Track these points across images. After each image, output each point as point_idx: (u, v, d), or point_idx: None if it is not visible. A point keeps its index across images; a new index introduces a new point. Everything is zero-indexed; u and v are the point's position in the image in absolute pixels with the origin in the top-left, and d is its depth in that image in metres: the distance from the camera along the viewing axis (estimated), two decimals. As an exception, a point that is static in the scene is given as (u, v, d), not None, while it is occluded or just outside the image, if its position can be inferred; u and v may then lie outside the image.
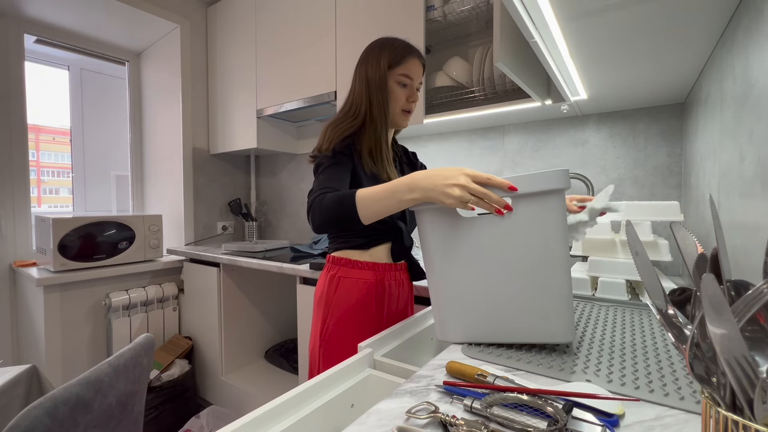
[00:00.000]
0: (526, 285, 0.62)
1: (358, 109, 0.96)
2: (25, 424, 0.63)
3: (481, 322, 0.66)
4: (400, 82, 0.97)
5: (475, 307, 0.66)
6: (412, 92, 1.00)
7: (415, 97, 1.00)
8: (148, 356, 0.94)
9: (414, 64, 0.98)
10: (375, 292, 0.94)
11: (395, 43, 0.98)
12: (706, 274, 0.26)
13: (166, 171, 2.42)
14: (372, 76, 0.95)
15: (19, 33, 2.00)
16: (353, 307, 0.92)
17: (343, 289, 0.93)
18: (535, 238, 0.61)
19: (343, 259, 0.95)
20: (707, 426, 0.30)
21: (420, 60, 1.00)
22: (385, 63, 0.95)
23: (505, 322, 0.64)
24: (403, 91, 0.98)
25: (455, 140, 1.78)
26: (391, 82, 0.97)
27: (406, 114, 1.01)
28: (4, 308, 1.94)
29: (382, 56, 0.96)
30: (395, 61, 0.96)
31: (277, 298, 2.27)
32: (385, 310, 0.96)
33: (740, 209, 0.69)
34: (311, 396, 0.54)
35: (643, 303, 0.90)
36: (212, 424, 1.75)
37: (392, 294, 0.98)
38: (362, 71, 0.97)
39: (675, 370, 0.54)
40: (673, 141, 1.32)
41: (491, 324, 0.65)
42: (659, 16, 0.71)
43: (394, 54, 0.96)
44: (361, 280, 0.93)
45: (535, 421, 0.42)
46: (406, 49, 0.98)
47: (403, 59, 0.96)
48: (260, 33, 2.06)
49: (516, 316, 0.63)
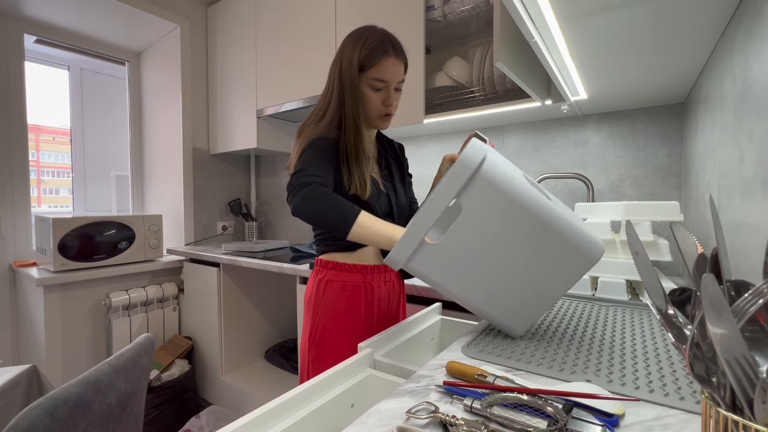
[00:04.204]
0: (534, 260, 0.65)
1: (333, 113, 0.90)
2: (25, 424, 0.63)
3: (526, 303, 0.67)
4: (373, 87, 0.90)
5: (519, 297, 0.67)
6: (388, 95, 0.92)
7: (391, 100, 0.92)
8: (148, 356, 0.94)
9: (388, 64, 0.89)
10: (363, 294, 0.93)
11: (367, 40, 0.88)
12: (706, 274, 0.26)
13: (166, 171, 2.42)
14: (344, 79, 0.88)
15: (19, 33, 2.00)
16: (342, 310, 0.92)
17: (331, 292, 0.92)
18: (502, 215, 0.63)
19: (330, 262, 0.94)
20: (707, 426, 0.30)
21: (397, 57, 0.90)
22: (356, 66, 0.88)
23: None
24: (377, 95, 0.91)
25: (455, 140, 1.78)
26: (364, 87, 0.90)
27: (385, 117, 0.94)
28: (4, 308, 1.94)
29: (353, 57, 0.88)
30: (366, 64, 0.88)
31: (277, 298, 2.27)
32: (375, 311, 0.95)
33: (740, 209, 0.69)
34: (311, 396, 0.54)
35: (643, 303, 0.90)
36: (212, 424, 1.75)
37: (381, 295, 0.96)
38: (335, 71, 0.91)
39: (675, 370, 0.54)
40: (673, 141, 1.32)
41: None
42: (659, 16, 0.71)
43: (365, 55, 0.87)
44: (349, 283, 0.92)
45: (535, 421, 0.42)
46: (379, 47, 0.88)
47: (374, 61, 0.88)
48: (260, 33, 2.06)
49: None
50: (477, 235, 0.64)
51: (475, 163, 0.60)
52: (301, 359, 0.97)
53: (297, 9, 1.87)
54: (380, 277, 0.96)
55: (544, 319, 0.79)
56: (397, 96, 0.94)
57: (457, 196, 0.62)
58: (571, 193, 1.52)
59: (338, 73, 0.90)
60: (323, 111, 0.92)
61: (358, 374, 0.63)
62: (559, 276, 0.66)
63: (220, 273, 1.93)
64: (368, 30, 0.91)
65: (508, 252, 0.64)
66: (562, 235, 0.63)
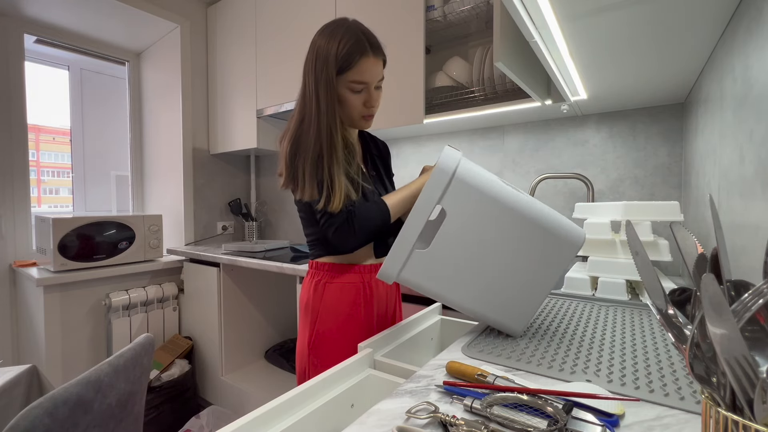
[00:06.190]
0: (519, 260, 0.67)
1: (310, 120, 0.84)
2: (25, 424, 0.63)
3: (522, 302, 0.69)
4: (352, 89, 0.86)
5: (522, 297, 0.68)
6: (369, 96, 0.88)
7: (372, 101, 0.88)
8: (148, 356, 0.94)
9: (367, 64, 0.84)
10: (362, 295, 0.92)
11: (342, 39, 0.82)
12: (706, 274, 0.26)
13: (166, 171, 2.42)
14: (320, 85, 0.83)
15: (19, 33, 2.00)
16: (341, 312, 0.91)
17: (329, 295, 0.91)
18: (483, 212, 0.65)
19: (326, 264, 0.93)
20: (707, 426, 0.30)
21: (376, 56, 0.85)
22: (332, 69, 0.82)
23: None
24: (358, 96, 0.87)
25: (455, 140, 1.78)
26: (342, 89, 0.85)
27: (368, 118, 0.91)
28: (4, 308, 1.94)
29: (328, 59, 0.82)
30: (343, 66, 0.83)
31: (277, 298, 2.27)
32: (374, 312, 0.94)
33: (740, 209, 0.69)
34: (311, 396, 0.54)
35: (643, 303, 0.90)
36: (212, 424, 1.75)
37: (380, 294, 0.96)
38: (310, 77, 0.85)
39: (675, 370, 0.54)
40: (673, 141, 1.32)
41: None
42: (659, 16, 0.71)
43: (341, 57, 0.82)
44: (347, 284, 0.92)
45: (535, 421, 0.42)
46: (355, 46, 0.82)
47: (351, 63, 0.83)
48: (260, 33, 2.06)
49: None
50: (463, 237, 0.66)
51: (451, 168, 0.64)
52: (299, 364, 0.94)
53: (297, 9, 1.87)
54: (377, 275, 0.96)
55: (544, 319, 0.79)
56: (378, 95, 0.90)
57: (439, 202, 0.65)
58: (571, 193, 1.52)
59: (313, 74, 0.84)
60: (302, 114, 0.87)
61: (358, 374, 0.63)
62: (547, 266, 0.67)
63: (220, 273, 1.93)
64: (341, 26, 0.84)
65: (494, 248, 0.66)
66: (542, 224, 0.65)
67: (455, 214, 0.65)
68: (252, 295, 2.10)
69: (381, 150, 1.07)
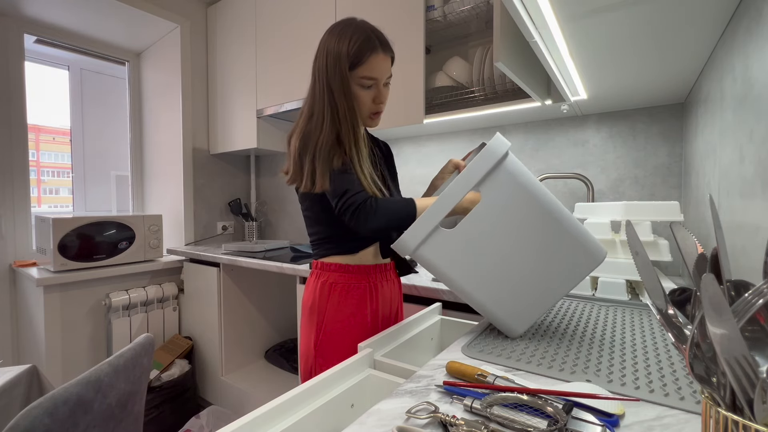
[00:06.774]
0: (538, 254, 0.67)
1: (321, 116, 0.86)
2: (25, 424, 0.63)
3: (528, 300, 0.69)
4: (362, 85, 0.87)
5: (521, 292, 0.68)
6: (379, 92, 0.89)
7: (381, 98, 0.90)
8: (148, 356, 0.94)
9: (377, 60, 0.85)
10: (369, 296, 0.92)
11: (352, 36, 0.84)
12: (706, 274, 0.26)
13: (166, 171, 2.42)
14: (332, 81, 0.84)
15: (19, 33, 1.99)
16: (347, 313, 0.90)
17: (335, 295, 0.90)
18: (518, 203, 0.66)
19: (333, 265, 0.92)
20: (707, 426, 0.30)
21: (385, 52, 0.87)
22: (345, 65, 0.84)
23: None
24: (368, 93, 0.88)
25: (455, 140, 1.78)
26: (354, 86, 0.86)
27: (375, 116, 0.92)
28: (4, 308, 1.94)
29: (340, 56, 0.84)
30: (355, 62, 0.84)
31: (277, 298, 2.27)
32: (379, 312, 0.94)
33: (740, 209, 0.69)
34: (311, 396, 0.54)
35: (643, 303, 0.90)
36: (212, 424, 1.75)
37: (385, 295, 0.96)
38: (321, 74, 0.86)
39: (675, 370, 0.54)
40: (673, 141, 1.32)
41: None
42: (659, 16, 0.71)
43: (353, 53, 0.83)
44: (354, 285, 0.91)
45: (535, 421, 0.42)
46: (366, 43, 0.84)
47: (363, 58, 0.84)
48: (260, 33, 2.06)
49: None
50: (491, 226, 0.66)
51: (500, 154, 0.64)
52: (304, 365, 0.94)
53: (297, 9, 1.87)
54: (382, 276, 0.96)
55: (544, 319, 0.79)
56: (386, 92, 0.92)
57: (479, 184, 0.64)
58: (571, 193, 1.52)
59: (324, 71, 0.85)
60: (311, 110, 0.89)
61: (358, 374, 0.63)
62: (563, 274, 0.67)
63: (220, 273, 1.93)
64: (351, 25, 0.86)
65: (518, 245, 0.66)
66: (571, 232, 0.65)
67: (490, 201, 0.65)
68: (252, 295, 2.10)
69: (384, 151, 1.07)
